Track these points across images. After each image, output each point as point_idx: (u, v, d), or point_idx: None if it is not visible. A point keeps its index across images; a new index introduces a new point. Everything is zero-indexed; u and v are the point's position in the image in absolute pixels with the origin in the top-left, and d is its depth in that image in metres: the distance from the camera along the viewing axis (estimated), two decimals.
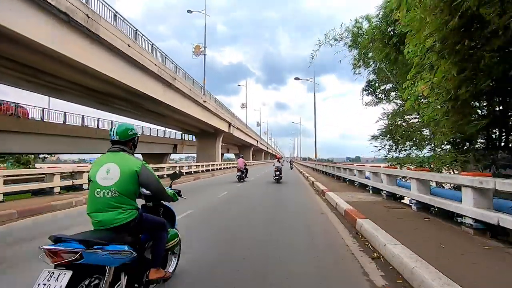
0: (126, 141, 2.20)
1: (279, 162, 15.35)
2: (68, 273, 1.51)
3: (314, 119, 26.85)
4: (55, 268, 1.57)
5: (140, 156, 37.85)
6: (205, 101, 27.12)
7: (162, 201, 2.56)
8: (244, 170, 15.55)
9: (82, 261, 1.58)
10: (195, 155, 40.42)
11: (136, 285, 2.04)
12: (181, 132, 40.61)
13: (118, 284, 1.81)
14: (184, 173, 18.67)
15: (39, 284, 1.47)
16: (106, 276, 1.68)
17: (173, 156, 50.11)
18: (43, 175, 9.03)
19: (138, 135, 2.30)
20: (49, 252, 1.56)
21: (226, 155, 76.34)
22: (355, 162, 53.33)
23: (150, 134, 33.87)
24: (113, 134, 2.16)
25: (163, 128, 37.30)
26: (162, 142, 36.65)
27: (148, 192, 2.38)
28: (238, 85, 78.48)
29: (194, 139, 40.74)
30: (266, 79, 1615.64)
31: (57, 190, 8.92)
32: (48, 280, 1.48)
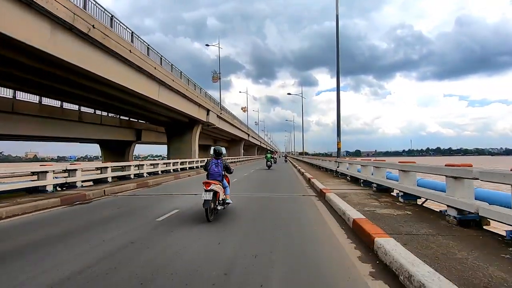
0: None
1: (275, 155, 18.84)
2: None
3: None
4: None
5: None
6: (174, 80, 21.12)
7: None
8: None
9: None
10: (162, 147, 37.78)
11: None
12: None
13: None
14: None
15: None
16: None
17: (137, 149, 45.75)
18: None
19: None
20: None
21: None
22: (357, 157, 50.81)
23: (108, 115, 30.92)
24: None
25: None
26: (125, 126, 33.87)
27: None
28: (206, 45, 43.20)
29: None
30: (256, 73, 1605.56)
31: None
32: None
